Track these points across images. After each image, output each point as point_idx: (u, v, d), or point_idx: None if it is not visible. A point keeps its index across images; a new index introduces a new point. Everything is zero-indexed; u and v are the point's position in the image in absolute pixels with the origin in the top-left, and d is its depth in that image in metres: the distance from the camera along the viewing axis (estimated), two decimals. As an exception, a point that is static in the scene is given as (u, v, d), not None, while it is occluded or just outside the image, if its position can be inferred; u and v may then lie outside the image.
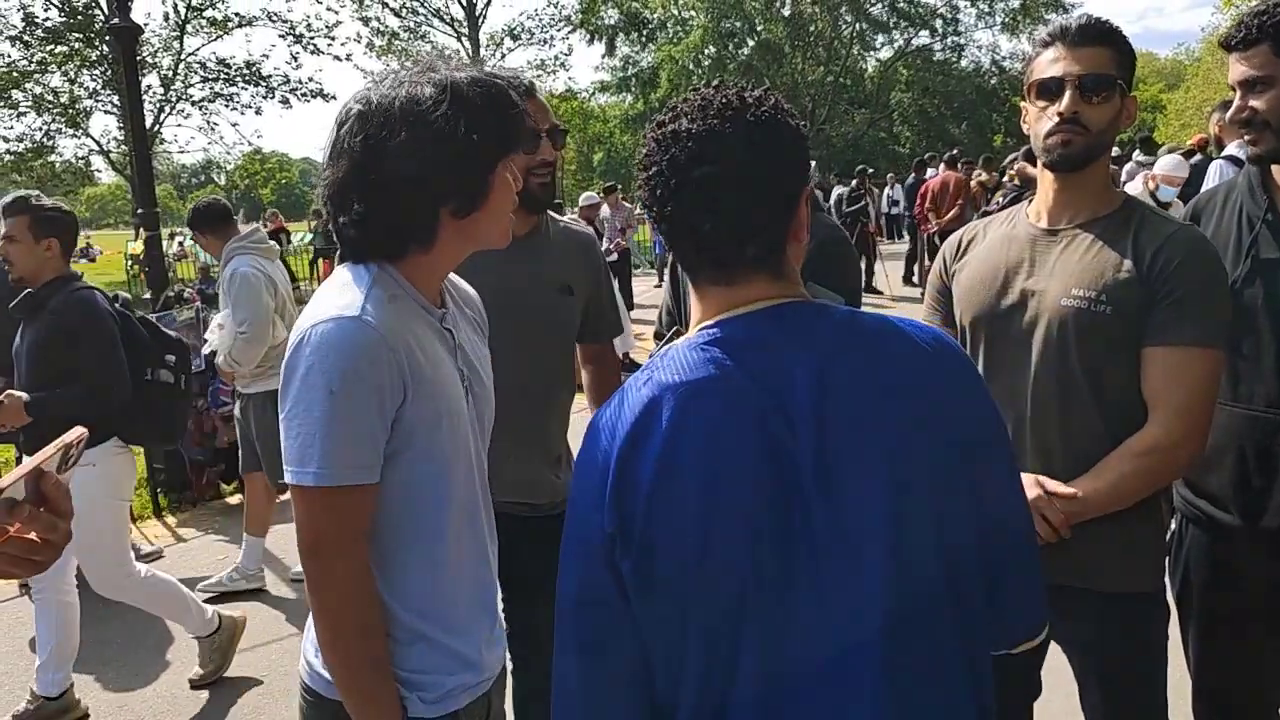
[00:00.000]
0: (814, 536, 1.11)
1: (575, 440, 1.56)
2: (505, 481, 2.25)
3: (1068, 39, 1.81)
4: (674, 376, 1.15)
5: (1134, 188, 7.28)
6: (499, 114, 1.46)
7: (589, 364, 2.64)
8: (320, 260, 18.80)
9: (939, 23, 33.81)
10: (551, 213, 2.45)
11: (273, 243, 5.09)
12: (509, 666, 2.46)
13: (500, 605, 1.74)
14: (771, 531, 1.11)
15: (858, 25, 33.22)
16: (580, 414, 2.26)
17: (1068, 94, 1.78)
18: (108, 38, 20.96)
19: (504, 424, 2.12)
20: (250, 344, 4.53)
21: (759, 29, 32.74)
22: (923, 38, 34.28)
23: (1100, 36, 1.81)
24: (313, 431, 1.39)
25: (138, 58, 6.61)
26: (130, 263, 21.97)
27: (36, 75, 22.28)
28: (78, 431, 1.03)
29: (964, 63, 34.97)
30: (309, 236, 20.79)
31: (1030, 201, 1.98)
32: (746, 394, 1.13)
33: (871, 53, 35.42)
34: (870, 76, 35.36)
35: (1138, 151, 11.50)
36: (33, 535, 0.98)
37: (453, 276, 1.70)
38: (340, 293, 1.45)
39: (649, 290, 15.46)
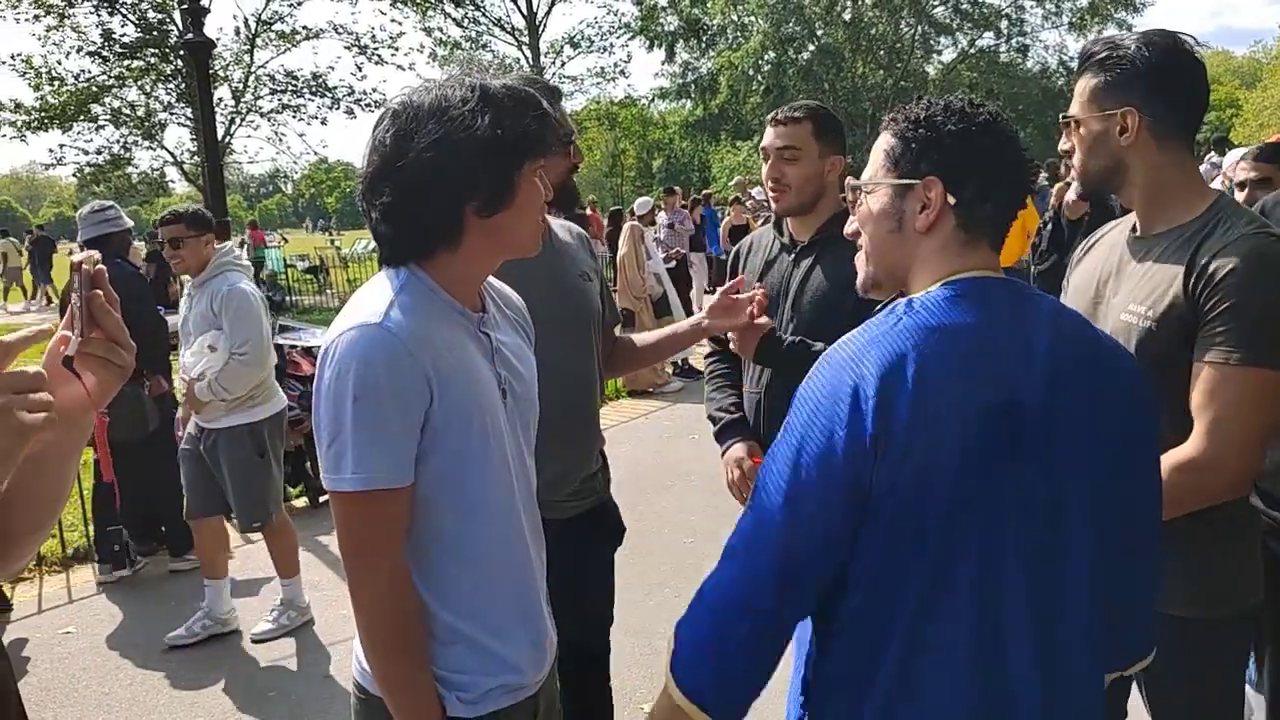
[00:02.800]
0: (1030, 483, 1.24)
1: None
2: (563, 478, 2.29)
3: (1079, 69, 1.88)
4: (930, 319, 1.27)
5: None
6: (526, 116, 1.48)
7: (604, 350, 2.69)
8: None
9: (1004, 23, 33.25)
10: None
11: (248, 261, 5.09)
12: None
13: (548, 611, 1.75)
14: (992, 460, 1.22)
15: (920, 28, 32.80)
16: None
17: (1065, 136, 1.90)
18: (182, 52, 21.57)
19: (567, 419, 2.25)
20: (248, 368, 4.17)
21: (819, 34, 32.50)
22: (987, 39, 33.75)
23: (1081, 66, 1.87)
24: (344, 439, 1.43)
25: (210, 71, 6.79)
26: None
27: (114, 90, 22.98)
28: (85, 254, 1.17)
29: (1029, 63, 34.35)
30: (373, 244, 21.14)
31: None
32: (996, 341, 1.26)
33: (934, 55, 34.98)
34: (933, 79, 34.89)
35: (1212, 152, 11.20)
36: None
37: (493, 280, 1.73)
38: (367, 300, 1.49)
39: (702, 296, 15.42)
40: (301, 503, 6.36)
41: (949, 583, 1.23)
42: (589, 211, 13.89)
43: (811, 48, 32.71)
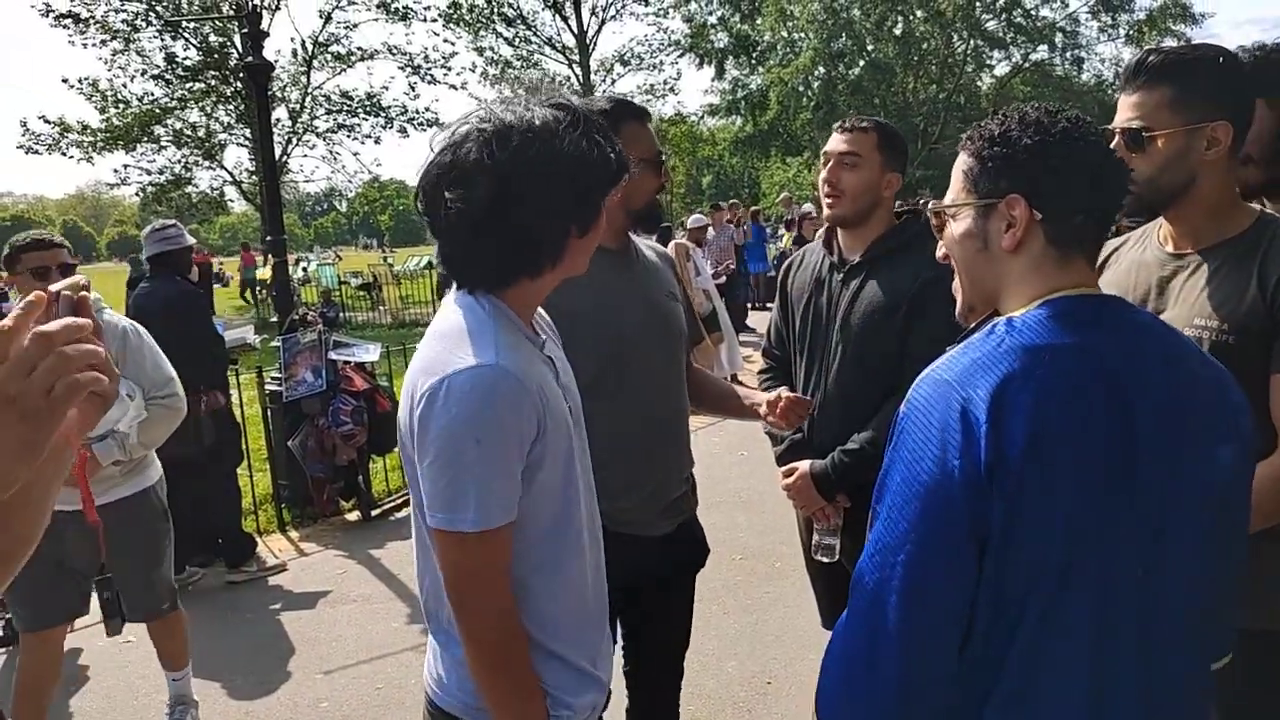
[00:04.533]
0: (1142, 503, 1.23)
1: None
2: (655, 496, 2.33)
3: (1125, 84, 1.81)
4: (1035, 339, 1.24)
5: None
6: (614, 140, 1.51)
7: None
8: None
9: (1058, 37, 32.82)
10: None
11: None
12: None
13: (608, 626, 1.78)
14: (1110, 482, 1.21)
15: (972, 42, 32.50)
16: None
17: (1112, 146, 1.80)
18: (241, 74, 22.09)
19: (660, 435, 2.33)
20: (172, 415, 3.40)
21: (869, 49, 32.35)
22: (1041, 52, 33.31)
23: (1152, 76, 1.76)
24: (464, 480, 1.42)
25: (268, 93, 6.94)
26: (259, 287, 23.02)
27: (176, 111, 23.60)
28: (67, 281, 0.93)
29: (1085, 76, 33.82)
30: (425, 260, 21.42)
31: (1161, 223, 1.91)
32: (1110, 362, 1.23)
33: (987, 70, 34.61)
34: (985, 94, 34.52)
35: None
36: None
37: None
38: (468, 336, 1.46)
39: (755, 313, 15.38)
40: (354, 516, 6.44)
41: (1065, 607, 1.21)
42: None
43: (862, 63, 32.55)
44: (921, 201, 9.13)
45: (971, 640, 1.24)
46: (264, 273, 17.57)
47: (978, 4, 31.67)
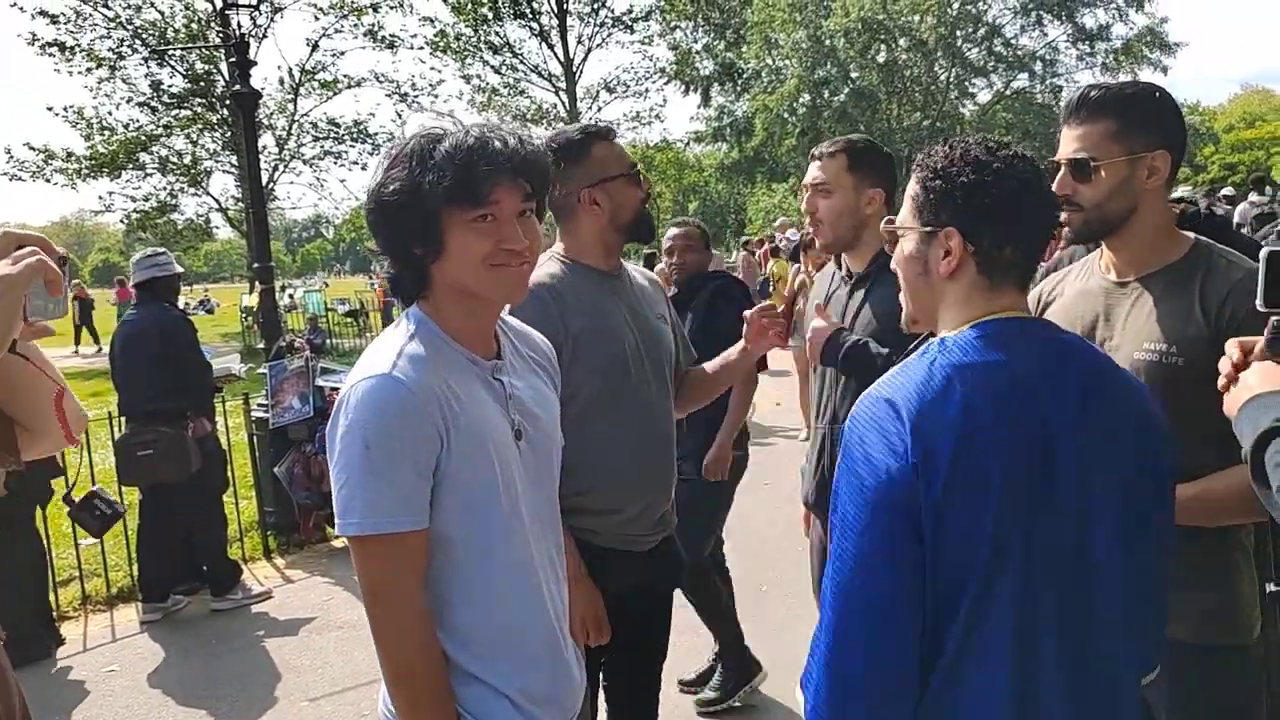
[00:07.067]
0: (1062, 504, 1.32)
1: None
2: (644, 513, 2.36)
3: (1068, 117, 1.89)
4: (962, 357, 1.35)
5: None
6: (453, 166, 1.47)
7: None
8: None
9: (1039, 65, 33.26)
10: None
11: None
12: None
13: (570, 647, 1.76)
14: (1029, 482, 1.31)
15: (954, 70, 32.89)
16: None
17: (1059, 176, 1.86)
18: (228, 102, 22.16)
19: (653, 455, 2.38)
20: None
21: (853, 76, 32.68)
22: (1021, 80, 33.75)
23: (1095, 109, 1.86)
24: (354, 484, 1.47)
25: (255, 120, 6.98)
26: (244, 315, 22.97)
27: (162, 138, 23.64)
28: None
29: (1064, 104, 34.22)
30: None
31: (1102, 252, 1.97)
32: (1029, 376, 1.34)
33: (969, 97, 35.00)
34: (968, 121, 34.89)
35: (1253, 192, 11.09)
36: None
37: (516, 323, 1.79)
38: (379, 350, 1.55)
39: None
40: (339, 543, 6.41)
41: (992, 595, 1.31)
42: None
43: (846, 90, 32.87)
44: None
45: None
46: (251, 299, 17.53)
47: (959, 33, 32.10)
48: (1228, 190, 14.59)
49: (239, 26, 6.42)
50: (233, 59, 6.72)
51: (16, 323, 1.18)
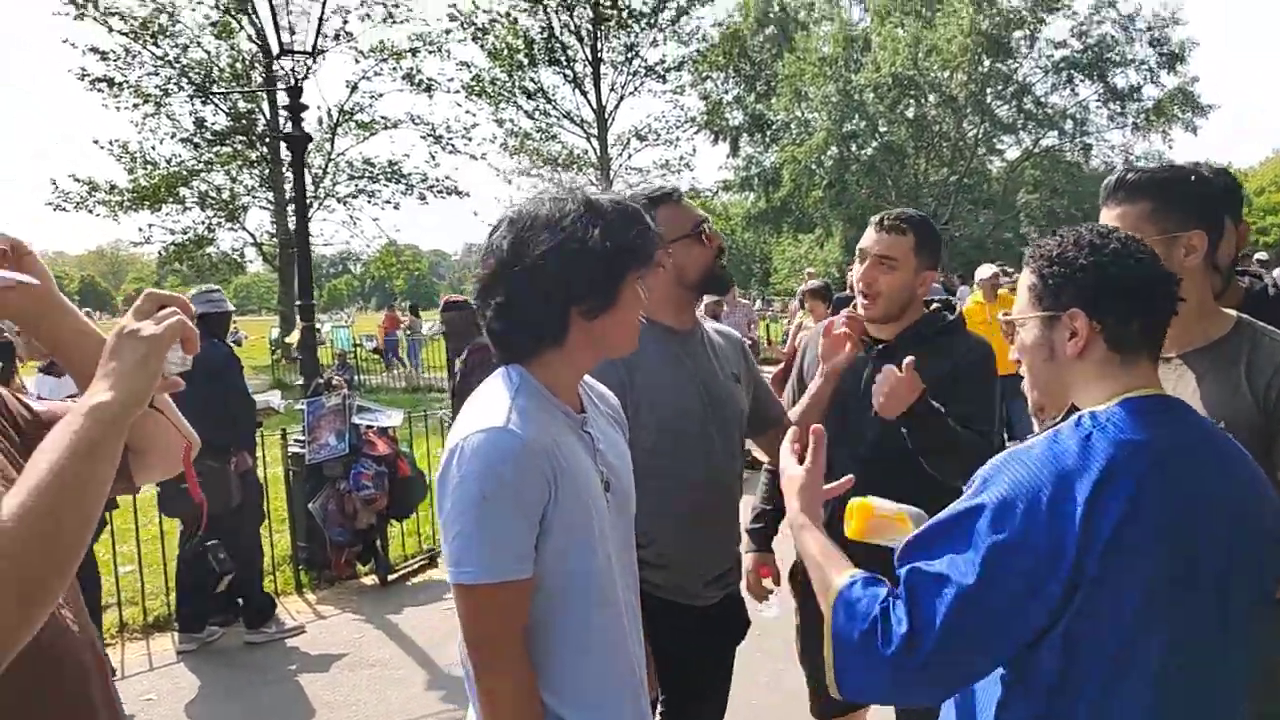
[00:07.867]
0: (1203, 599, 1.36)
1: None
2: (704, 570, 2.42)
3: (1107, 198, 1.95)
4: (1121, 435, 1.36)
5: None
6: (631, 229, 1.62)
7: (770, 451, 2.74)
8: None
9: (1069, 124, 33.37)
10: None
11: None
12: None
13: (645, 694, 1.82)
14: (1174, 576, 1.33)
15: (983, 127, 33.07)
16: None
17: None
18: (268, 139, 22.60)
19: (714, 511, 2.43)
20: None
21: (882, 130, 32.93)
22: (1051, 138, 33.84)
23: (1132, 191, 1.91)
24: (469, 534, 1.54)
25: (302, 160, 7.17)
26: (274, 348, 23.19)
27: (203, 174, 24.11)
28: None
29: (1094, 162, 34.29)
30: (438, 325, 21.50)
31: None
32: (1177, 453, 1.38)
33: (997, 153, 35.11)
34: (995, 177, 34.98)
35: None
36: None
37: (589, 379, 1.86)
38: (489, 403, 1.61)
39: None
40: (370, 580, 6.47)
41: (1134, 665, 1.34)
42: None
43: (874, 144, 33.09)
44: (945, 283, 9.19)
45: (1035, 692, 1.39)
46: (293, 337, 17.72)
47: (989, 90, 32.29)
48: (1261, 254, 14.54)
49: (294, 73, 6.62)
50: (287, 104, 6.89)
51: (157, 380, 1.27)
